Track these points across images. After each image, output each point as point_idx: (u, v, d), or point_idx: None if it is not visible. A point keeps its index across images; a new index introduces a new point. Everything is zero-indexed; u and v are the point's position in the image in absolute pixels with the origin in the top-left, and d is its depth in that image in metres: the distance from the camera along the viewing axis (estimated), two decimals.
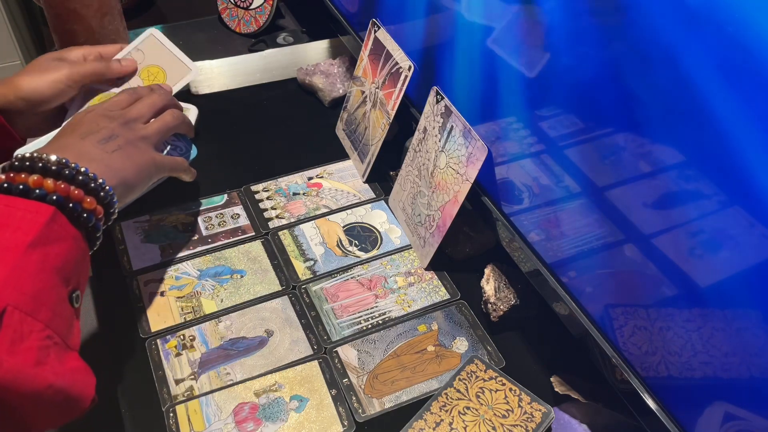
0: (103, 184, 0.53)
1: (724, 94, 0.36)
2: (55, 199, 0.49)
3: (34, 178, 0.49)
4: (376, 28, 0.79)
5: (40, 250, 0.46)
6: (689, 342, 0.45)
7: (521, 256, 0.62)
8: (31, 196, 0.49)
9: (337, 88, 0.94)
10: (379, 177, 0.83)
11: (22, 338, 0.43)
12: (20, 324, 0.43)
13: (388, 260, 0.73)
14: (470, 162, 0.63)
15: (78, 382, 0.47)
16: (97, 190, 0.53)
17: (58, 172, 0.51)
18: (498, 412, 0.58)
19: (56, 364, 0.45)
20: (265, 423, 0.59)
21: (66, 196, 0.50)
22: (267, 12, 1.06)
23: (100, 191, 0.53)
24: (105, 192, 0.54)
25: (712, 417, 0.45)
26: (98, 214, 0.53)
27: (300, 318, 0.67)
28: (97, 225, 0.53)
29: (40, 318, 0.44)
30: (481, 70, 0.61)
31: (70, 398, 0.46)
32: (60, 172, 0.51)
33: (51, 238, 0.47)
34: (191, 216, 0.78)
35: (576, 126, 0.50)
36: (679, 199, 0.42)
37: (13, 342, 0.42)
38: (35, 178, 0.49)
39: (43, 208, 0.48)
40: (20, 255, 0.45)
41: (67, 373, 0.46)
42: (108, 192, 0.54)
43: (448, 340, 0.66)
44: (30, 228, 0.46)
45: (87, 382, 0.48)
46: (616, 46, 0.43)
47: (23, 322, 0.43)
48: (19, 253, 0.45)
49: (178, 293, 0.69)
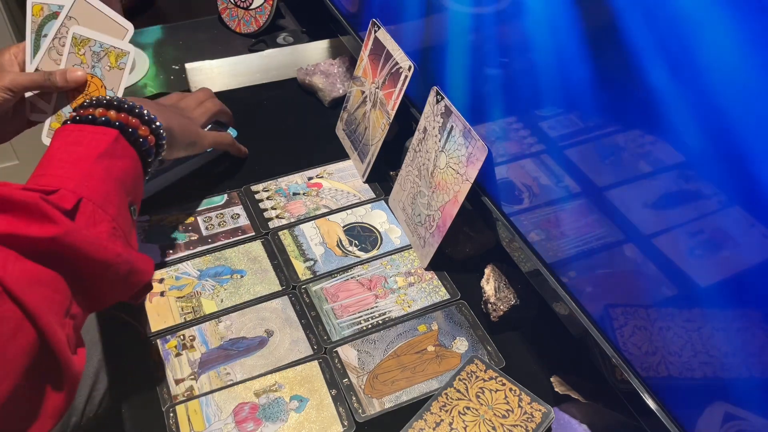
0: (154, 118, 0.62)
1: (724, 94, 0.36)
2: (118, 124, 0.58)
3: (100, 110, 0.59)
4: (376, 28, 0.79)
5: (107, 162, 0.56)
6: (689, 342, 0.45)
7: (521, 256, 0.62)
8: (97, 123, 0.58)
9: (337, 88, 0.94)
10: (379, 177, 0.83)
11: (95, 223, 0.52)
12: (93, 213, 0.52)
13: (388, 260, 0.73)
14: (470, 162, 0.63)
15: (141, 261, 0.55)
16: (149, 122, 0.62)
17: (119, 106, 0.60)
18: (498, 412, 0.58)
19: (121, 245, 0.53)
20: (265, 423, 0.59)
21: (126, 123, 0.59)
22: (267, 12, 1.06)
23: (152, 123, 0.62)
24: (156, 125, 0.62)
25: (712, 417, 0.45)
26: (151, 141, 0.62)
27: (300, 318, 0.67)
28: (150, 151, 0.62)
29: (108, 211, 0.53)
30: (481, 70, 0.61)
31: (134, 271, 0.54)
32: (120, 106, 0.60)
33: (116, 154, 0.57)
34: (191, 216, 0.78)
35: (576, 126, 0.50)
36: (679, 199, 0.42)
37: (87, 224, 0.51)
38: (100, 110, 0.59)
39: (109, 131, 0.58)
40: (92, 163, 0.54)
41: (132, 252, 0.54)
42: (158, 125, 0.62)
43: (448, 340, 0.66)
44: (99, 144, 0.56)
45: (148, 261, 0.57)
46: (615, 46, 0.43)
47: (95, 213, 0.52)
48: (90, 161, 0.54)
49: (178, 293, 0.69)
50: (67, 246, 0.47)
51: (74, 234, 0.48)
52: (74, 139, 0.56)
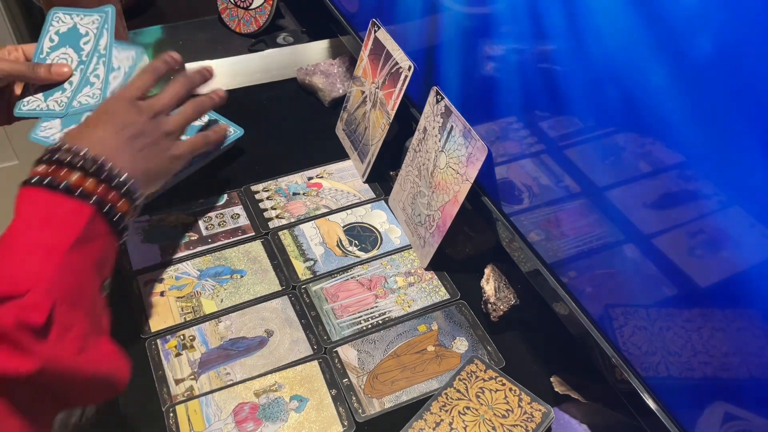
0: (135, 187, 0.57)
1: (724, 93, 0.36)
2: (94, 200, 0.53)
3: (75, 177, 0.53)
4: (376, 28, 0.79)
5: (81, 247, 0.51)
6: (689, 342, 0.45)
7: (521, 256, 0.62)
8: (73, 195, 0.52)
9: (337, 88, 0.94)
10: (379, 177, 0.83)
11: (67, 330, 0.47)
12: (65, 317, 0.47)
13: (388, 260, 0.73)
14: (470, 162, 0.63)
15: (116, 367, 0.51)
16: (129, 194, 0.56)
17: (97, 173, 0.54)
18: (498, 412, 0.58)
19: (95, 350, 0.49)
20: (265, 423, 0.59)
21: (103, 199, 0.54)
22: (267, 12, 1.06)
23: (132, 194, 0.57)
24: (135, 195, 0.57)
25: (712, 417, 0.45)
26: (128, 215, 0.57)
27: (300, 318, 0.67)
28: (126, 226, 0.57)
29: (80, 308, 0.49)
30: (481, 70, 0.61)
31: (110, 382, 0.51)
32: (98, 173, 0.54)
33: (90, 236, 0.52)
34: (191, 216, 0.78)
35: (576, 126, 0.50)
36: (679, 199, 0.42)
37: (59, 334, 0.46)
38: (76, 177, 0.53)
39: (85, 208, 0.52)
40: (64, 253, 0.49)
41: (105, 358, 0.50)
42: (137, 194, 0.58)
43: (448, 340, 0.66)
44: (73, 228, 0.51)
45: (123, 365, 0.52)
46: (615, 46, 0.43)
47: (68, 316, 0.47)
48: (63, 252, 0.49)
49: (178, 293, 0.69)
50: (42, 376, 0.44)
51: (52, 365, 0.45)
52: (45, 215, 0.51)
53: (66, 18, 0.77)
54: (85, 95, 0.74)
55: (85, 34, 0.76)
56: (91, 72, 0.75)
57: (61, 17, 0.77)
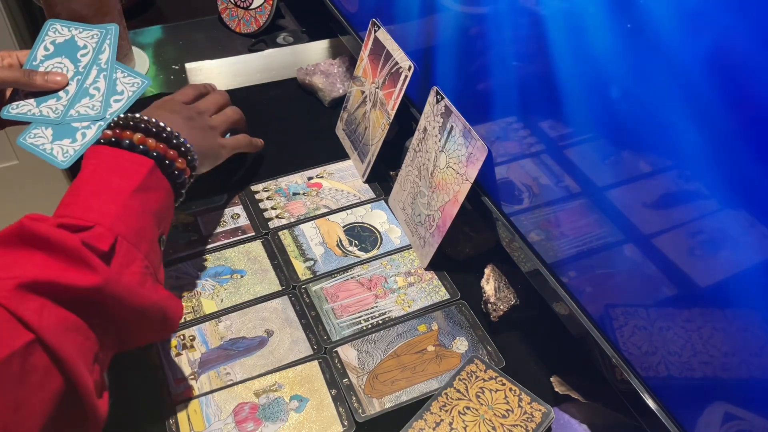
0: (191, 149, 0.62)
1: (724, 93, 0.36)
2: (155, 155, 0.58)
3: (138, 136, 0.58)
4: (376, 28, 0.79)
5: (142, 195, 0.55)
6: (689, 342, 0.45)
7: (521, 256, 0.62)
8: (135, 151, 0.57)
9: (337, 88, 0.94)
10: (379, 177, 0.83)
11: (128, 263, 0.51)
12: (127, 252, 0.51)
13: (388, 260, 0.73)
14: (470, 162, 0.63)
15: (172, 305, 0.55)
16: (186, 154, 0.61)
17: (158, 133, 0.59)
18: (498, 412, 0.58)
19: (152, 287, 0.53)
20: (265, 423, 0.59)
21: (164, 154, 0.59)
22: (267, 12, 1.06)
23: (188, 155, 0.62)
24: (192, 156, 0.62)
25: (712, 417, 0.45)
26: (186, 173, 0.62)
27: (300, 318, 0.67)
28: (184, 182, 0.62)
29: (141, 249, 0.53)
30: (481, 70, 0.61)
31: (166, 317, 0.54)
32: (159, 134, 0.59)
33: (150, 186, 0.56)
34: (191, 216, 0.78)
35: (576, 126, 0.50)
36: (679, 199, 0.42)
37: (122, 265, 0.50)
38: (139, 137, 0.58)
39: (145, 161, 0.57)
40: (127, 197, 0.54)
41: (160, 296, 0.53)
42: (194, 157, 0.62)
43: (448, 340, 0.66)
44: (134, 176, 0.55)
45: (178, 305, 0.56)
46: (614, 46, 0.43)
47: (129, 251, 0.51)
48: (126, 195, 0.54)
49: (178, 293, 0.69)
50: (104, 295, 0.47)
51: (113, 284, 0.48)
52: (109, 166, 0.56)
53: (64, 30, 0.76)
54: (84, 105, 0.73)
55: (83, 47, 0.76)
56: (91, 84, 0.74)
57: (58, 29, 0.76)
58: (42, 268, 0.45)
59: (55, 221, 0.49)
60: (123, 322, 0.51)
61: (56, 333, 0.44)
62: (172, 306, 0.55)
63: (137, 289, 0.50)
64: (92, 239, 0.48)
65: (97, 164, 0.56)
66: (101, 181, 0.54)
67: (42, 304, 0.44)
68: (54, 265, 0.46)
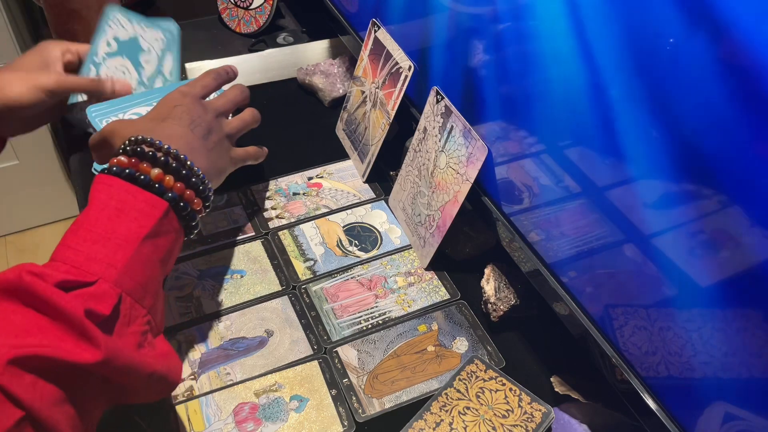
0: (208, 186, 0.57)
1: (723, 92, 0.36)
2: (170, 196, 0.53)
3: (156, 172, 0.53)
4: (376, 28, 0.79)
5: (152, 242, 0.51)
6: (689, 342, 0.45)
7: (521, 256, 0.62)
8: (151, 189, 0.52)
9: (337, 88, 0.94)
10: (379, 177, 0.83)
11: (129, 323, 0.47)
12: (130, 310, 0.48)
13: (388, 260, 0.73)
14: (470, 162, 0.63)
15: (172, 367, 0.51)
16: (205, 192, 0.57)
17: (177, 170, 0.54)
18: (498, 412, 0.58)
19: (151, 348, 0.49)
20: (265, 423, 0.59)
21: (180, 195, 0.54)
22: (267, 12, 1.06)
23: (205, 192, 0.57)
24: (208, 193, 0.58)
25: (712, 417, 0.45)
26: (200, 213, 0.58)
27: (300, 318, 0.67)
28: (197, 224, 0.58)
29: (144, 305, 0.49)
30: (481, 70, 0.61)
31: (163, 380, 0.50)
32: (178, 171, 0.55)
33: (161, 231, 0.52)
34: None
35: (576, 125, 0.50)
36: (679, 199, 0.42)
37: (122, 326, 0.47)
38: (157, 173, 0.53)
39: (159, 202, 0.52)
40: (137, 246, 0.49)
41: (160, 357, 0.50)
42: (210, 194, 0.58)
43: (448, 340, 0.66)
44: (147, 220, 0.51)
45: (177, 365, 0.52)
46: (614, 45, 0.43)
47: (132, 308, 0.48)
48: (136, 244, 0.49)
49: (178, 293, 0.69)
50: (102, 368, 0.44)
51: (113, 358, 0.44)
52: (118, 204, 0.51)
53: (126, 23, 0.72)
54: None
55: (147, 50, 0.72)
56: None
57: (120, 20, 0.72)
58: (39, 336, 0.42)
59: (55, 277, 0.45)
60: (120, 387, 0.48)
61: (48, 408, 0.41)
62: (171, 367, 0.51)
63: (135, 354, 0.47)
64: (94, 301, 0.45)
65: (107, 201, 0.51)
66: (109, 224, 0.49)
67: (35, 379, 0.41)
68: (52, 333, 0.43)
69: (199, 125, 0.61)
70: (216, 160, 0.62)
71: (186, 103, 0.63)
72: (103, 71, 0.74)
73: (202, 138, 0.61)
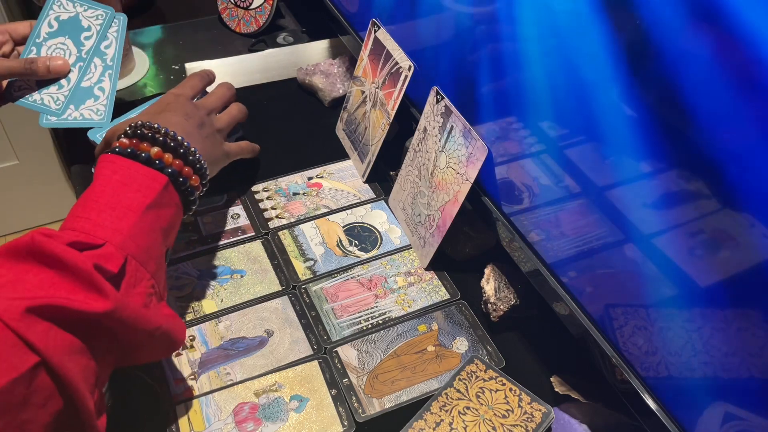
0: (204, 165, 0.62)
1: (724, 92, 0.36)
2: (170, 171, 0.57)
3: (156, 150, 0.57)
4: (376, 28, 0.79)
5: (154, 212, 0.55)
6: (689, 342, 0.45)
7: (521, 256, 0.62)
8: (151, 165, 0.57)
9: (337, 88, 0.94)
10: (379, 177, 0.83)
11: (135, 284, 0.51)
12: (135, 272, 0.51)
13: (388, 260, 0.73)
14: (470, 162, 0.63)
15: (176, 326, 0.54)
16: (201, 170, 0.61)
17: (175, 148, 0.59)
18: (498, 412, 0.58)
19: (156, 309, 0.53)
20: (265, 423, 0.59)
21: (179, 171, 0.58)
22: (267, 12, 1.06)
23: (202, 170, 0.61)
24: (204, 171, 0.62)
25: (712, 417, 0.45)
26: (198, 190, 0.62)
27: (300, 318, 0.67)
28: (195, 199, 0.62)
29: (149, 269, 0.53)
30: (481, 70, 0.61)
31: (170, 339, 0.54)
32: (176, 149, 0.59)
33: (162, 202, 0.56)
34: (191, 216, 0.78)
35: (576, 125, 0.50)
36: (679, 199, 0.42)
37: (129, 285, 0.50)
38: (157, 150, 0.57)
39: (159, 176, 0.56)
40: (140, 214, 0.53)
41: (165, 317, 0.53)
42: (206, 172, 0.62)
43: (448, 340, 0.66)
44: (148, 191, 0.55)
45: (181, 326, 0.56)
46: (614, 45, 0.43)
47: (137, 271, 0.51)
48: (139, 213, 0.53)
49: (178, 293, 0.69)
50: (111, 319, 0.47)
51: (121, 309, 0.47)
52: (122, 178, 0.55)
53: (68, 5, 0.74)
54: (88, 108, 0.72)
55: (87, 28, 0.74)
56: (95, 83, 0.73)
57: (63, 3, 0.74)
58: (52, 289, 0.45)
59: (66, 238, 0.48)
60: (127, 342, 0.51)
61: (61, 356, 0.44)
62: (176, 327, 0.54)
63: (142, 311, 0.50)
64: (103, 259, 0.48)
65: (111, 175, 0.55)
66: (114, 195, 0.53)
67: (49, 326, 0.44)
68: (64, 286, 0.45)
69: (192, 117, 0.66)
70: (210, 150, 0.66)
71: (179, 101, 0.68)
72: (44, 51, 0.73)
73: (197, 127, 0.66)
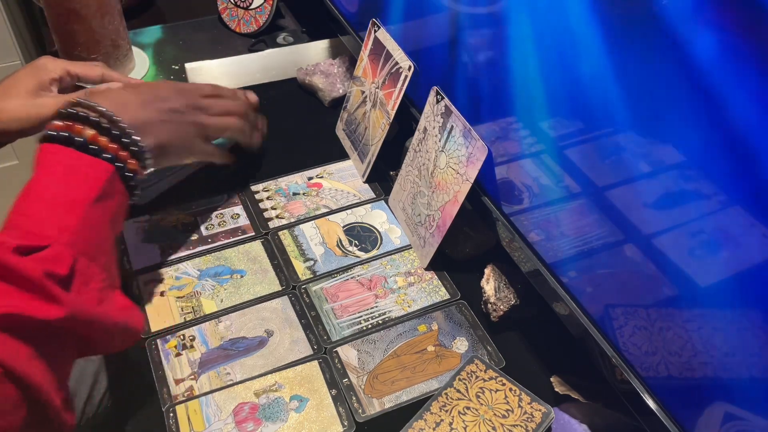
0: (143, 147, 0.59)
1: (724, 92, 0.36)
2: (110, 158, 0.56)
3: (91, 133, 0.55)
4: (376, 28, 0.79)
5: (101, 204, 0.53)
6: (689, 342, 0.45)
7: (521, 256, 0.62)
8: (87, 151, 0.55)
9: (337, 88, 0.94)
10: (379, 177, 0.83)
11: (87, 282, 0.50)
12: (86, 270, 0.50)
13: (388, 260, 0.73)
14: (470, 162, 0.63)
15: (131, 319, 0.55)
16: (139, 153, 0.59)
17: (109, 130, 0.56)
18: (498, 412, 0.58)
19: (110, 302, 0.52)
20: (265, 423, 0.59)
21: (116, 155, 0.56)
22: (267, 12, 1.06)
23: (142, 155, 0.59)
24: (141, 153, 0.59)
25: (712, 417, 0.45)
26: (139, 174, 0.59)
27: (300, 318, 0.67)
28: (138, 183, 0.59)
29: (99, 262, 0.52)
30: (481, 70, 0.61)
31: (126, 331, 0.54)
32: (110, 131, 0.56)
33: (108, 193, 0.55)
34: (191, 216, 0.78)
35: (576, 126, 0.50)
36: (679, 199, 0.42)
37: (81, 284, 0.49)
38: (91, 133, 0.55)
39: (104, 166, 0.55)
40: (86, 208, 0.52)
41: (120, 310, 0.53)
42: (145, 155, 0.60)
43: (448, 340, 0.66)
44: (94, 183, 0.53)
45: (138, 317, 0.56)
46: (614, 45, 0.43)
47: (88, 269, 0.50)
48: (85, 206, 0.52)
49: (178, 293, 0.69)
50: (67, 323, 0.47)
51: (76, 312, 0.47)
52: (65, 170, 0.53)
53: None
54: None
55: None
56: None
57: None
58: (5, 299, 0.44)
59: (11, 243, 0.47)
60: (86, 338, 0.51)
61: (22, 363, 0.44)
62: (131, 318, 0.54)
63: (97, 310, 0.50)
64: (51, 264, 0.47)
65: (53, 167, 0.53)
66: (58, 188, 0.52)
67: (6, 337, 0.43)
68: (16, 295, 0.45)
69: (162, 101, 0.64)
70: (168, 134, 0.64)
71: (161, 85, 0.67)
72: None
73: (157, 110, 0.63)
